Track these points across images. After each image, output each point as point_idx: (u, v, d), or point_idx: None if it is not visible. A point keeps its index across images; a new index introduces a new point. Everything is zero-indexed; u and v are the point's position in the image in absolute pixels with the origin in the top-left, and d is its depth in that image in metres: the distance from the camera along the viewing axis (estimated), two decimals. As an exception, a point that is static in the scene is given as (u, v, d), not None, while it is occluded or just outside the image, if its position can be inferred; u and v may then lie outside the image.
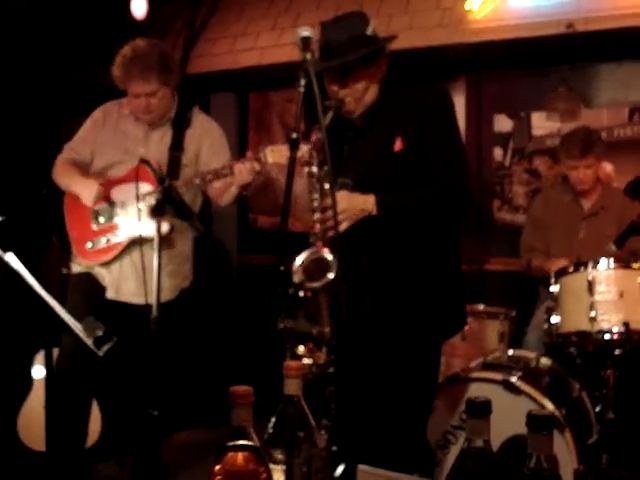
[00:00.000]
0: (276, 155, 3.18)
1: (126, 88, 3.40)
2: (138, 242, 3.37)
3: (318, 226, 2.54)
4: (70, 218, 3.53)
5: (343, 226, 2.55)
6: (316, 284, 2.45)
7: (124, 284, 3.44)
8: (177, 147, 3.47)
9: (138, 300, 3.36)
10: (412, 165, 2.67)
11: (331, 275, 2.43)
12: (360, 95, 2.70)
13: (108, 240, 3.43)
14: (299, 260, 2.46)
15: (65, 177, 3.48)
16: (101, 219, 3.44)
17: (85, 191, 3.37)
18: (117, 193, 3.44)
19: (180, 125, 3.52)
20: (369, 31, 2.69)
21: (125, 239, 3.41)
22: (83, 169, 3.52)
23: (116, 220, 3.43)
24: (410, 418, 2.78)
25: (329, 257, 2.45)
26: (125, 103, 3.54)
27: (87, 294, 3.43)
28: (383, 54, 2.74)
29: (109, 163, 3.49)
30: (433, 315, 2.75)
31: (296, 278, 2.46)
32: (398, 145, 2.66)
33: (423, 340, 2.76)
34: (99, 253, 3.45)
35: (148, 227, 3.28)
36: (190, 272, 3.67)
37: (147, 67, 3.30)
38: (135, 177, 3.26)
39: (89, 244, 3.45)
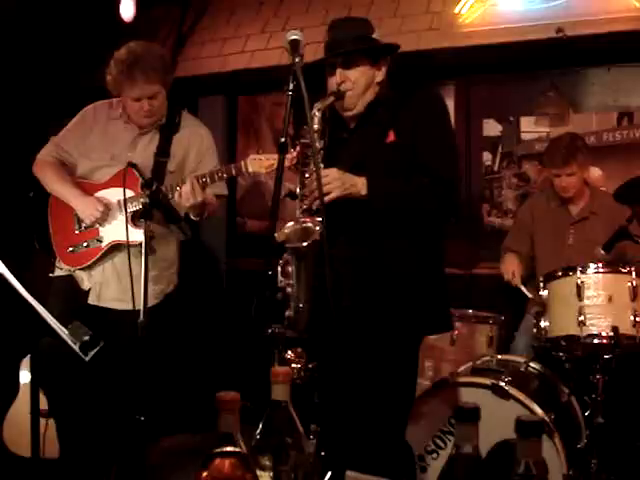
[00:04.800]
0: (256, 164, 3.19)
1: (124, 92, 3.34)
2: (119, 248, 3.36)
3: (307, 201, 2.57)
4: (54, 221, 3.50)
5: (332, 195, 2.57)
6: (297, 245, 2.44)
7: (105, 290, 3.42)
8: (163, 153, 3.42)
9: (120, 306, 3.34)
10: (403, 157, 2.71)
11: (312, 238, 2.42)
12: (361, 91, 2.77)
13: (88, 245, 3.41)
14: (284, 229, 2.47)
15: (60, 185, 3.44)
16: (83, 224, 3.42)
17: (87, 210, 3.36)
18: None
19: (168, 130, 3.48)
20: (374, 35, 2.81)
21: (105, 245, 3.39)
22: (71, 171, 3.50)
23: (97, 225, 3.41)
24: (388, 419, 2.78)
25: (312, 226, 2.45)
26: (115, 105, 3.51)
27: (67, 298, 3.40)
28: (385, 58, 2.84)
29: (95, 166, 3.46)
30: (412, 311, 2.75)
31: (278, 238, 2.46)
32: (390, 137, 2.72)
33: (401, 336, 2.76)
34: (79, 257, 3.43)
35: (130, 235, 3.29)
36: (175, 277, 3.63)
37: (150, 69, 3.26)
38: (120, 182, 3.25)
39: (70, 248, 3.43)
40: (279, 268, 2.56)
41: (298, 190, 2.62)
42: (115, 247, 3.39)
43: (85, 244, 3.41)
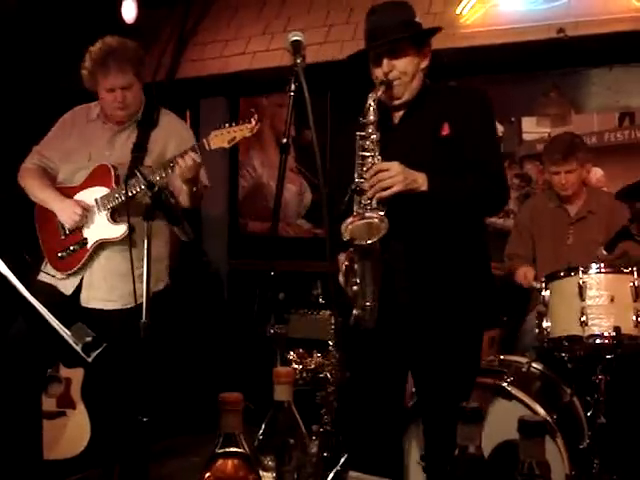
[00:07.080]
0: (218, 140, 3.16)
1: (98, 85, 3.35)
2: (103, 247, 3.36)
3: (369, 194, 2.50)
4: (41, 229, 3.51)
5: (394, 189, 2.49)
6: (362, 242, 2.41)
7: (94, 291, 3.40)
8: (140, 148, 3.40)
9: (108, 306, 3.34)
10: (455, 151, 2.66)
11: (379, 235, 2.40)
12: (409, 79, 2.70)
13: (75, 249, 3.39)
14: (347, 225, 2.45)
15: (41, 192, 3.44)
16: (66, 228, 3.41)
17: (66, 214, 3.35)
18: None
19: (146, 126, 3.45)
20: (416, 19, 2.78)
21: (90, 246, 3.38)
22: (53, 178, 3.49)
23: (81, 227, 3.39)
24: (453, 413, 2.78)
25: (377, 221, 2.43)
26: (94, 107, 3.50)
27: (48, 302, 3.35)
28: (429, 43, 2.79)
29: (75, 168, 3.45)
30: (472, 308, 2.73)
31: (345, 236, 2.44)
32: (445, 130, 2.67)
33: (466, 331, 2.75)
34: (69, 262, 3.41)
35: (111, 231, 3.30)
36: (164, 274, 3.56)
37: (124, 59, 3.28)
38: (95, 181, 3.33)
39: (60, 254, 3.41)
40: (343, 267, 2.55)
41: (353, 185, 2.55)
42: (99, 247, 3.38)
43: (72, 248, 3.40)
